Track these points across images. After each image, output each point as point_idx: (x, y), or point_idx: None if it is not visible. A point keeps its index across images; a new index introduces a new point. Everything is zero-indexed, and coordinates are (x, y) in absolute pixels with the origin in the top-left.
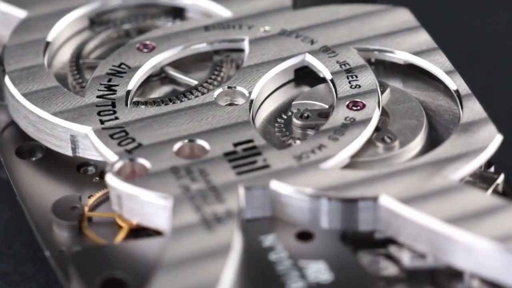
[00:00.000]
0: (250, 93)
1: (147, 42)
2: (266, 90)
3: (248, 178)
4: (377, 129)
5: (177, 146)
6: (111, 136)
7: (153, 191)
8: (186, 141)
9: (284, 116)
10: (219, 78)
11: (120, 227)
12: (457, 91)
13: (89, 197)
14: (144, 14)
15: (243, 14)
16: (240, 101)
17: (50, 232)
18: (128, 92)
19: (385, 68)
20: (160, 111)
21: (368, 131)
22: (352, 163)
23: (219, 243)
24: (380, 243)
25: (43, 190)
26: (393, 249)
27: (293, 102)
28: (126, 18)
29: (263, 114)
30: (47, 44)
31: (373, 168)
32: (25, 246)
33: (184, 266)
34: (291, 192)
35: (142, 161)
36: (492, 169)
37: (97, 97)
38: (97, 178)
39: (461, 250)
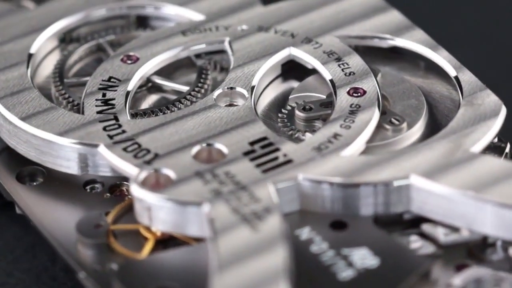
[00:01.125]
0: (249, 91)
1: (131, 54)
2: (261, 87)
3: (274, 174)
4: (382, 113)
5: (194, 151)
6: (125, 149)
7: (185, 198)
8: (204, 145)
9: (285, 111)
10: (208, 82)
11: (146, 239)
12: (452, 67)
13: (106, 214)
14: (112, 27)
15: (215, 15)
16: (240, 101)
17: (77, 253)
18: (126, 104)
19: (365, 53)
20: (165, 120)
21: (376, 115)
22: (367, 149)
23: (268, 237)
24: (410, 224)
25: (57, 213)
26: (426, 228)
27: (290, 96)
28: (96, 32)
29: (259, 111)
30: (30, 56)
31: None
32: (25, 272)
33: (241, 266)
34: (322, 183)
35: (166, 170)
36: (496, 139)
37: (97, 113)
38: (108, 194)
39: (493, 218)
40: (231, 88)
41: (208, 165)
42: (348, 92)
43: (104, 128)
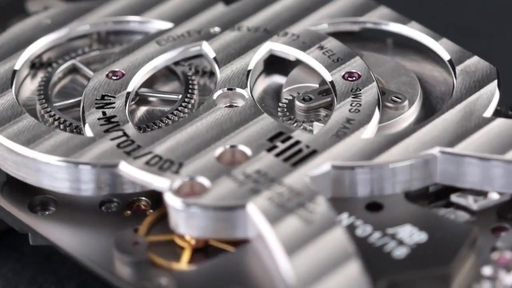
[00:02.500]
0: (248, 90)
1: (115, 70)
2: (252, 85)
3: (304, 166)
4: (381, 93)
5: (217, 155)
6: (148, 163)
7: (227, 203)
8: (227, 147)
9: (283, 104)
10: (196, 87)
11: (181, 248)
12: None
13: (135, 230)
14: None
15: (182, 21)
16: (240, 102)
17: (118, 272)
18: (128, 119)
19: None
20: (174, 129)
21: (379, 95)
22: (378, 130)
23: (323, 223)
24: (437, 196)
25: (83, 237)
26: (456, 197)
27: (284, 90)
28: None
29: None
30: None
31: (397, 129)
32: None
33: (306, 254)
34: (353, 168)
35: (200, 178)
36: None
37: (105, 132)
38: (128, 212)
39: None
40: (231, 89)
41: (237, 166)
42: (344, 77)
43: (118, 146)
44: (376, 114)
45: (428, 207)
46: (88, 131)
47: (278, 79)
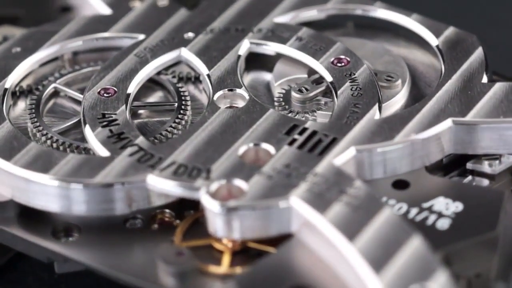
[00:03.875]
0: (246, 89)
1: (107, 87)
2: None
3: (330, 153)
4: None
5: (242, 155)
6: (175, 173)
7: (269, 201)
8: (250, 145)
9: (279, 97)
10: (186, 93)
11: (220, 252)
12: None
13: (172, 241)
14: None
15: (153, 32)
16: (240, 102)
17: (166, 285)
18: (141, 132)
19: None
20: (187, 137)
21: (374, 76)
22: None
23: (371, 205)
24: (451, 166)
25: (118, 256)
26: (472, 164)
27: (275, 84)
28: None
29: None
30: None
31: (396, 107)
32: None
33: (373, 240)
34: (376, 149)
35: (236, 180)
36: None
37: (121, 148)
38: (156, 225)
39: None
40: (231, 89)
41: (264, 164)
42: (333, 63)
43: (139, 160)
44: (379, 94)
45: (451, 177)
46: (102, 151)
47: (260, 75)
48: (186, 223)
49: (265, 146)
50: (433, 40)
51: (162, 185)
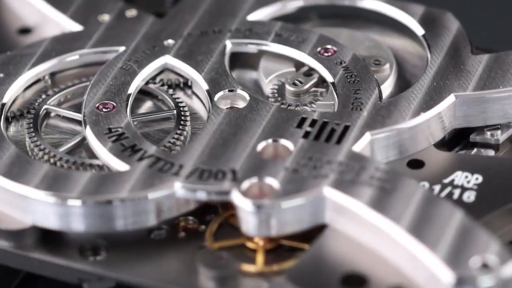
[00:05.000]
0: (244, 89)
1: (105, 102)
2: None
3: (348, 141)
4: None
5: (262, 153)
6: (200, 178)
7: (304, 195)
8: (269, 141)
9: (274, 93)
10: (181, 99)
11: (252, 251)
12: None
13: (201, 247)
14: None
15: (132, 43)
16: (240, 102)
17: None
18: (153, 142)
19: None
20: (202, 140)
21: (364, 61)
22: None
23: (408, 187)
24: (454, 141)
25: (153, 268)
26: (477, 137)
27: (266, 81)
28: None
29: None
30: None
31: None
32: None
33: (418, 219)
34: (391, 132)
35: (266, 178)
36: None
37: (138, 160)
38: (183, 233)
39: None
40: (231, 90)
41: (286, 159)
42: (320, 53)
43: (161, 170)
44: (375, 78)
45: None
46: (120, 165)
47: (243, 73)
48: (214, 226)
49: (283, 141)
50: (410, 21)
51: (191, 192)
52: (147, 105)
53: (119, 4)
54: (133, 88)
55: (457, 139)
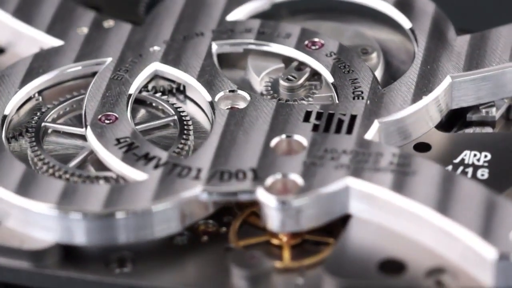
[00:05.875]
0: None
1: (107, 113)
2: None
3: (358, 130)
4: None
5: (278, 150)
6: (222, 179)
7: (329, 187)
8: (283, 137)
9: (269, 89)
10: (177, 104)
11: (277, 247)
12: None
13: (227, 249)
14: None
15: (117, 53)
16: (241, 103)
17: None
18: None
19: None
20: (213, 143)
21: (354, 50)
22: None
23: (428, 169)
24: (450, 123)
25: (185, 273)
26: (474, 115)
27: (259, 79)
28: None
29: None
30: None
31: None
32: None
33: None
34: (400, 118)
35: (291, 175)
36: None
37: (155, 168)
38: (205, 237)
39: None
40: (232, 90)
41: (300, 154)
42: (308, 47)
43: (180, 175)
44: (368, 67)
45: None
46: (137, 174)
47: (229, 73)
48: (235, 226)
49: (295, 136)
50: (386, 7)
51: (214, 194)
52: (142, 113)
53: (94, 15)
54: (130, 98)
55: (453, 120)
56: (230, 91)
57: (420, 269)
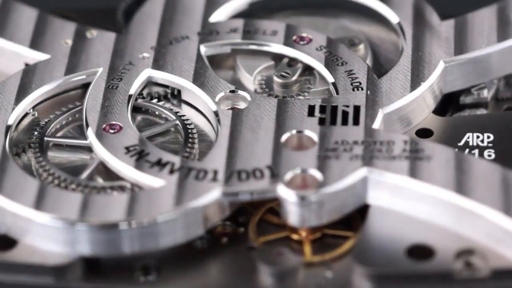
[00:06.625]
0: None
1: (112, 123)
2: None
3: (364, 120)
4: None
5: (289, 146)
6: (240, 179)
7: (349, 179)
8: (293, 133)
9: (263, 87)
10: (178, 109)
11: (297, 242)
12: None
13: (250, 248)
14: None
15: (109, 62)
16: (241, 103)
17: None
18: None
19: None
20: (222, 144)
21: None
22: None
23: (443, 154)
24: (443, 106)
25: (217, 275)
26: (466, 98)
27: (252, 78)
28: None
29: None
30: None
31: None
32: None
33: (469, 180)
34: (402, 105)
35: (311, 170)
36: None
37: (170, 173)
38: (225, 238)
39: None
40: (233, 91)
41: (312, 148)
42: (296, 42)
43: (197, 178)
44: (361, 57)
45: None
46: (155, 181)
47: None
48: (254, 224)
49: (304, 131)
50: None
51: (237, 195)
52: (138, 120)
53: (75, 26)
54: (129, 105)
55: (446, 104)
56: (230, 91)
57: (448, 252)
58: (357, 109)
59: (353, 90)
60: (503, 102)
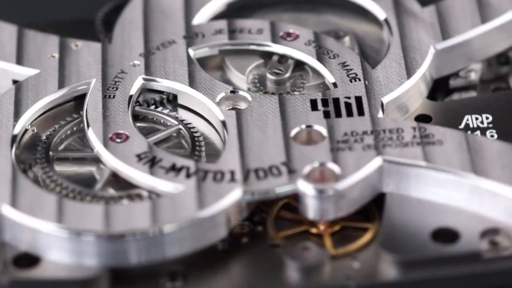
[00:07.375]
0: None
1: (118, 132)
2: None
3: (368, 111)
4: None
5: (299, 141)
6: (258, 178)
7: (367, 169)
8: (303, 127)
9: (257, 85)
10: (179, 114)
11: (316, 235)
12: None
13: (273, 245)
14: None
15: (101, 72)
16: (242, 103)
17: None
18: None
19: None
20: (233, 144)
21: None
22: None
23: (454, 138)
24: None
25: (243, 276)
26: (456, 81)
27: (245, 77)
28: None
29: None
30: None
31: None
32: None
33: (487, 161)
34: (401, 95)
35: (329, 164)
36: None
37: (187, 177)
38: (244, 239)
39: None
40: (233, 91)
41: (322, 141)
42: (283, 38)
43: (215, 179)
44: (351, 49)
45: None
46: (174, 187)
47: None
48: (271, 221)
49: (313, 126)
50: None
51: (258, 194)
52: (138, 127)
53: (58, 39)
54: (130, 113)
55: (435, 89)
56: (231, 92)
57: (473, 233)
58: (359, 99)
59: (351, 81)
60: (489, 83)
